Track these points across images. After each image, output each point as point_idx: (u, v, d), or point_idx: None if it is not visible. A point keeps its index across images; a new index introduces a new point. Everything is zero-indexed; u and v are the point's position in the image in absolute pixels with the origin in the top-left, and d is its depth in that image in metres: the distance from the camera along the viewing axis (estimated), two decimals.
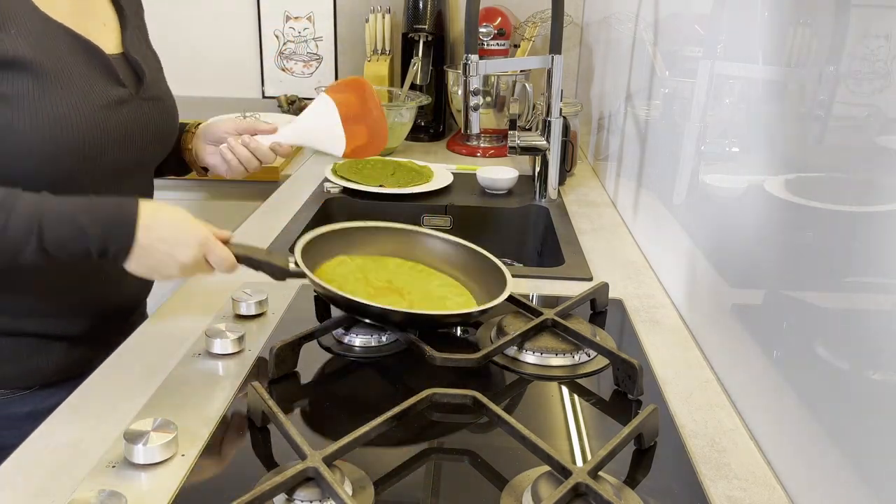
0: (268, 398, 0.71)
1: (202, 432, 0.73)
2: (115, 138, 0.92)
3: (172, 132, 1.06)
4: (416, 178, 1.59)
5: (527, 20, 2.01)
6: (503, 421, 0.69)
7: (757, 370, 0.77)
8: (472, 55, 1.29)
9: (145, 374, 0.84)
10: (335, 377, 0.85)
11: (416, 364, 0.86)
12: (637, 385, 0.80)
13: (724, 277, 0.89)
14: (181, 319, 0.96)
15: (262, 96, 2.25)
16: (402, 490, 0.66)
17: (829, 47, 0.67)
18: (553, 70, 1.41)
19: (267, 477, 0.65)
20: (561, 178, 1.51)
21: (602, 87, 1.79)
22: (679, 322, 1.02)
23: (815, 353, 0.65)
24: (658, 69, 1.26)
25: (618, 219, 1.45)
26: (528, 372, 0.86)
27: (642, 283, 1.14)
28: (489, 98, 1.88)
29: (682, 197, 1.08)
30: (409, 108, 1.84)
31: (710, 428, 0.78)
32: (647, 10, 1.36)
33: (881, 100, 0.59)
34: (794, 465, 0.68)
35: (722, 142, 0.93)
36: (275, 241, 1.25)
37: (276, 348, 0.82)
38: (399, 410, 0.70)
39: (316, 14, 2.18)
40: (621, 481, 0.67)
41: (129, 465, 0.67)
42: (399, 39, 2.08)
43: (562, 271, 1.17)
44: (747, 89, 0.87)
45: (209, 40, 2.20)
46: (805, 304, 0.68)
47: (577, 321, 0.94)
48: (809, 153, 0.70)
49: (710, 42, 1.00)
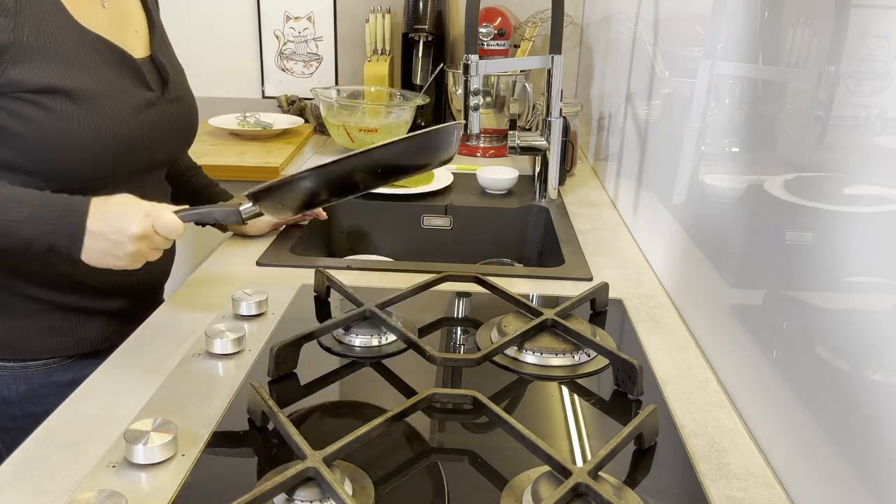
0: (268, 398, 0.71)
1: (202, 432, 0.73)
2: (143, 138, 0.99)
3: (194, 129, 1.15)
4: (416, 178, 1.59)
5: (527, 20, 2.01)
6: (503, 421, 0.69)
7: (757, 370, 0.77)
8: (472, 55, 1.29)
9: (145, 374, 0.84)
10: (335, 377, 0.85)
11: (416, 364, 0.86)
12: (637, 385, 0.80)
13: (724, 277, 0.89)
14: (181, 319, 0.96)
15: (262, 96, 2.25)
16: (402, 490, 0.66)
17: (829, 47, 0.67)
18: (553, 70, 1.41)
19: (267, 477, 0.65)
20: (561, 179, 1.51)
21: (602, 87, 1.79)
22: (679, 322, 1.02)
23: (815, 353, 0.65)
24: (658, 69, 1.26)
25: (618, 219, 1.45)
26: (528, 372, 0.86)
27: (642, 283, 1.14)
28: (489, 98, 1.88)
29: (682, 197, 1.08)
30: (407, 108, 1.85)
31: (710, 428, 0.78)
32: (647, 10, 1.36)
33: (881, 100, 0.59)
34: (794, 465, 0.68)
35: (722, 142, 0.93)
36: (274, 241, 1.26)
37: (276, 348, 0.82)
38: (399, 410, 0.70)
39: (316, 14, 2.18)
40: (621, 481, 0.67)
41: (129, 465, 0.67)
42: (399, 39, 2.08)
43: (562, 271, 1.17)
44: (747, 89, 0.87)
45: (209, 40, 2.20)
46: (805, 304, 0.68)
47: (577, 321, 0.94)
48: (809, 153, 0.70)
49: (710, 42, 1.00)
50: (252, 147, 1.92)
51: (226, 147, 1.92)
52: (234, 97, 2.24)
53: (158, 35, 1.09)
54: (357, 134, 1.80)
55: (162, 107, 1.03)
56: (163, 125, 1.03)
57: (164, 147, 1.06)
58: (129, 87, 0.98)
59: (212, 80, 2.23)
